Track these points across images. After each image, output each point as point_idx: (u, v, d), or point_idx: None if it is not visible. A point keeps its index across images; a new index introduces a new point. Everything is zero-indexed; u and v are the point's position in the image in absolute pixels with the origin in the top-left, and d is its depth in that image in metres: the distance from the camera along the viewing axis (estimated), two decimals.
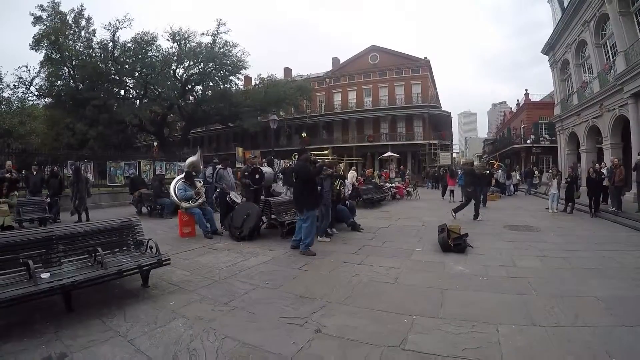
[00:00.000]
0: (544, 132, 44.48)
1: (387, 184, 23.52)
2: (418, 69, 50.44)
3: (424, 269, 7.04)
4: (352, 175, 17.79)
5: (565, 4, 25.98)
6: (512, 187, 27.42)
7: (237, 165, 22.12)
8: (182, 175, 11.13)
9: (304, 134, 46.11)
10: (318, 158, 9.77)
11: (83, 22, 36.29)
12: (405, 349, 3.88)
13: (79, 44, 36.23)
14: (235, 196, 11.27)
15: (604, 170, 15.18)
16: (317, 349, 3.90)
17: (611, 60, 21.00)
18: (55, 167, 18.75)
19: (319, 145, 45.41)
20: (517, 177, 29.60)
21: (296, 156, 9.15)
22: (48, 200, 13.39)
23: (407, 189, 24.34)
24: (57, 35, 33.41)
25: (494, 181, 24.47)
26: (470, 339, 4.09)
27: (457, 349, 3.86)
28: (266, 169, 12.44)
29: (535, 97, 50.38)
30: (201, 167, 12.88)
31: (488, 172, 23.37)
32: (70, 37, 35.39)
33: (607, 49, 21.93)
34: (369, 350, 3.83)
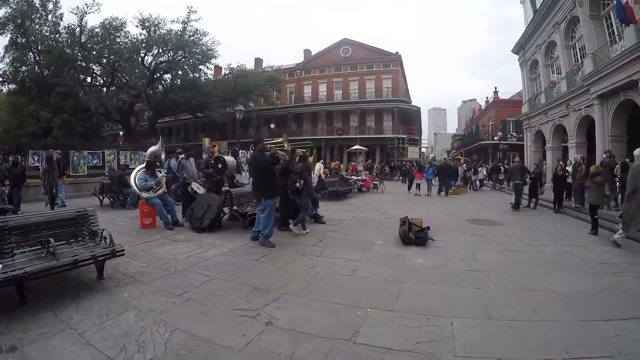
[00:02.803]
0: (511, 130, 45.26)
1: (353, 177, 23.47)
2: (389, 64, 50.48)
3: (383, 261, 7.04)
4: (318, 167, 17.73)
5: (538, 5, 26.28)
6: (477, 182, 27.81)
7: (203, 156, 21.91)
8: (143, 164, 10.90)
9: (272, 125, 45.73)
10: (273, 146, 9.71)
11: (50, 6, 35.18)
12: (357, 342, 3.86)
13: (46, 28, 35.18)
14: (197, 187, 11.11)
15: (569, 168, 15.40)
16: (266, 341, 3.86)
17: (579, 61, 21.35)
18: (19, 156, 18.22)
19: (291, 137, 45.43)
20: (484, 172, 29.94)
21: (253, 147, 9.19)
22: (7, 190, 12.96)
23: (374, 182, 24.36)
24: (24, 18, 32.40)
25: (461, 175, 24.80)
26: (424, 332, 4.08)
27: (409, 342, 3.85)
28: (229, 159, 12.27)
29: (504, 95, 51.38)
30: (163, 156, 12.62)
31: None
32: (37, 21, 34.34)
33: (576, 51, 22.29)
34: (319, 343, 3.80)
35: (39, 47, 34.76)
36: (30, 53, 35.43)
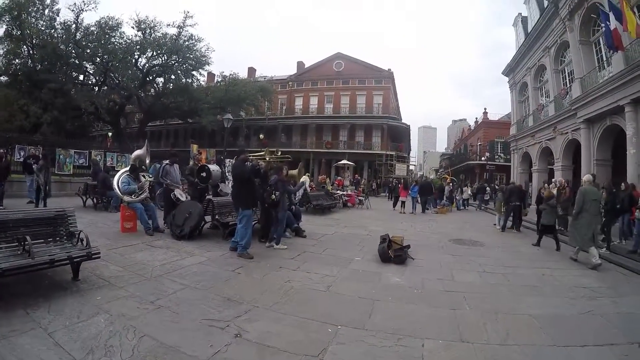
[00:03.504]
0: (499, 151, 45.66)
1: (339, 192, 23.48)
2: (381, 80, 50.89)
3: (359, 278, 7.04)
4: (304, 180, 17.75)
5: (529, 29, 26.75)
6: (461, 202, 27.87)
7: (191, 163, 21.89)
8: (127, 168, 10.90)
9: (261, 136, 45.64)
10: (254, 158, 9.81)
11: (48, 0, 35.12)
12: (323, 359, 3.85)
13: (42, 22, 34.94)
14: (180, 193, 11.10)
15: (553, 191, 15.48)
16: (233, 353, 3.87)
17: (568, 85, 21.66)
18: (4, 150, 18.11)
19: (277, 148, 45.38)
20: (469, 192, 30.05)
21: (236, 157, 9.33)
22: None
23: (359, 197, 24.44)
24: (20, 10, 32.22)
25: (446, 194, 24.95)
26: (393, 352, 4.07)
27: None
28: (214, 167, 12.27)
29: (494, 116, 51.91)
30: (147, 160, 12.59)
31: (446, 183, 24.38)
32: (33, 14, 34.12)
33: (565, 75, 22.66)
34: (285, 359, 3.81)
35: (34, 41, 34.50)
36: (25, 46, 35.19)
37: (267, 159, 10.13)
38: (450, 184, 28.19)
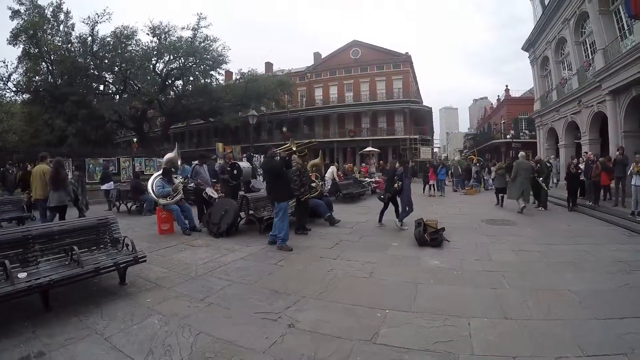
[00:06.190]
0: (523, 128, 44.96)
1: (366, 179, 23.47)
2: (399, 64, 50.26)
3: (399, 263, 7.12)
4: (332, 170, 17.80)
5: (546, 1, 26.11)
6: (490, 181, 27.56)
7: (218, 161, 22.09)
8: (160, 172, 11.12)
9: (284, 129, 45.75)
10: (281, 151, 9.97)
11: (62, 16, 35.65)
12: (377, 342, 3.95)
13: (58, 38, 35.58)
14: (212, 192, 11.28)
15: (581, 166, 15.32)
16: (289, 343, 3.96)
17: (590, 57, 21.23)
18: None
19: (300, 140, 45.47)
20: None
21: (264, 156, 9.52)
22: (26, 199, 13.19)
23: None
24: (36, 29, 32.75)
25: (474, 175, 24.79)
26: (442, 332, 4.15)
27: (428, 342, 3.93)
28: (244, 164, 12.44)
29: (516, 92, 51.10)
30: (179, 163, 12.83)
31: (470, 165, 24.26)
32: (49, 31, 34.74)
33: (587, 47, 22.14)
34: (340, 344, 3.90)
35: (52, 57, 35.10)
36: (43, 63, 35.82)
37: (294, 149, 10.29)
38: (477, 164, 27.92)
